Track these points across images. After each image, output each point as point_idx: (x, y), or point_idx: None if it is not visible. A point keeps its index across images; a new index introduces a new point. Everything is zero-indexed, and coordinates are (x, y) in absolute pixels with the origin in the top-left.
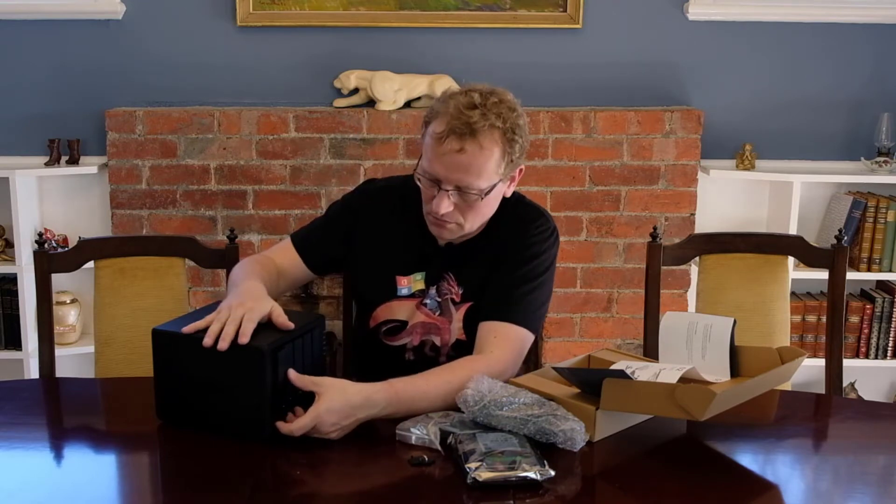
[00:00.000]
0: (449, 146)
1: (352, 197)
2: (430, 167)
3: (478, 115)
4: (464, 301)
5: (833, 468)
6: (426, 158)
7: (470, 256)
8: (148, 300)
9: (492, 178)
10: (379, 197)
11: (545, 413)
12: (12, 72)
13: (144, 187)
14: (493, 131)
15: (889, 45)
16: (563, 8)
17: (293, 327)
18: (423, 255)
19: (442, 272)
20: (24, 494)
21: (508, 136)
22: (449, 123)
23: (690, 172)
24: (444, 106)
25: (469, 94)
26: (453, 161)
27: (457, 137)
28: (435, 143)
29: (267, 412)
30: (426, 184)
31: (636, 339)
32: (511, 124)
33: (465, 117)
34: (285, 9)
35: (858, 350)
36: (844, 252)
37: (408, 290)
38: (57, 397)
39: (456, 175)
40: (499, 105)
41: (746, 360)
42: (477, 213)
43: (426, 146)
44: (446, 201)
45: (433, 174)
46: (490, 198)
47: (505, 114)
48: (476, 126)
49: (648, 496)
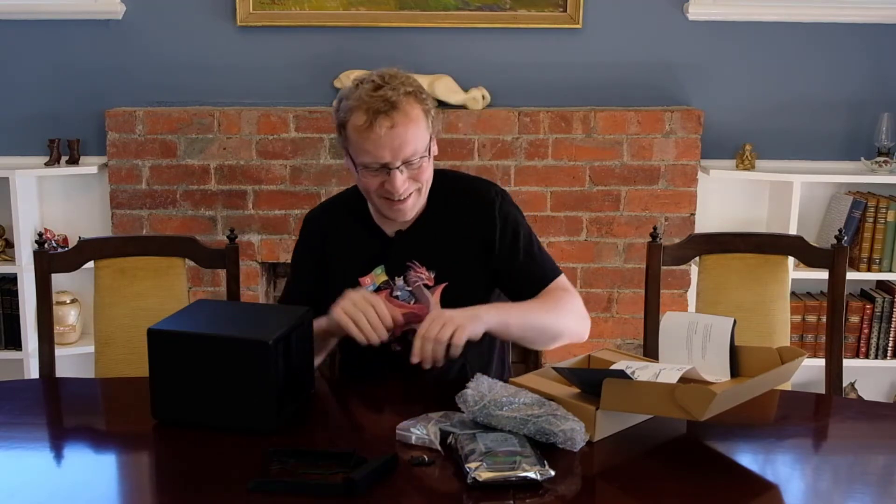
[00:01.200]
0: (381, 128)
1: (303, 234)
2: (374, 155)
3: (389, 91)
4: (438, 282)
5: (833, 468)
6: (363, 151)
7: (424, 239)
8: (148, 300)
9: (426, 139)
10: (322, 219)
11: (545, 413)
12: (12, 72)
13: (144, 187)
14: (408, 97)
15: (889, 45)
16: (563, 8)
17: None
18: (375, 252)
19: (404, 261)
20: (24, 494)
21: (419, 96)
22: (368, 109)
23: (690, 172)
24: (353, 101)
25: (366, 82)
26: (392, 137)
27: (384, 116)
28: (365, 132)
29: (274, 404)
30: (372, 175)
31: (636, 339)
32: (415, 86)
33: (380, 96)
34: (285, 9)
35: (858, 350)
36: (844, 252)
37: (373, 286)
38: (57, 397)
39: (400, 150)
40: (396, 76)
41: (746, 360)
42: (425, 176)
43: (355, 142)
44: (400, 177)
45: (379, 160)
46: (430, 157)
47: (405, 80)
48: (393, 99)
49: (648, 496)
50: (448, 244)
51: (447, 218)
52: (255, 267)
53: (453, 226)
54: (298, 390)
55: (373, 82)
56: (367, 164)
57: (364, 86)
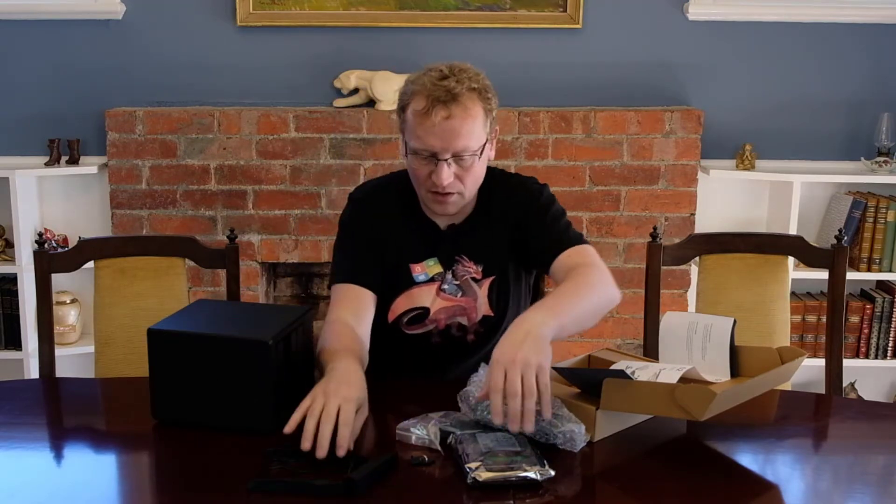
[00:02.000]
0: (437, 116)
1: (353, 213)
2: (425, 142)
3: (453, 82)
4: (486, 276)
5: (833, 468)
6: (416, 137)
7: (474, 233)
8: (148, 300)
9: (481, 138)
10: (374, 198)
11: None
12: (12, 72)
13: (144, 187)
14: (471, 93)
15: (889, 45)
16: (563, 8)
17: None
18: (429, 243)
19: (452, 255)
20: (24, 494)
21: (484, 95)
22: (429, 97)
23: (690, 172)
24: (417, 86)
25: (434, 70)
26: (445, 129)
27: (442, 106)
28: (421, 118)
29: (273, 404)
30: (421, 162)
31: (636, 339)
32: (482, 84)
33: (443, 86)
34: (285, 9)
35: (858, 350)
36: (844, 252)
37: (424, 276)
38: (57, 397)
39: (451, 142)
40: (466, 70)
41: (746, 360)
42: (473, 176)
43: (411, 126)
44: (446, 170)
45: (429, 148)
46: (482, 158)
47: (473, 76)
48: (455, 91)
49: (648, 496)
50: (495, 238)
51: (494, 212)
52: (255, 267)
53: (499, 219)
54: (298, 390)
55: (440, 71)
56: (418, 150)
57: (431, 73)
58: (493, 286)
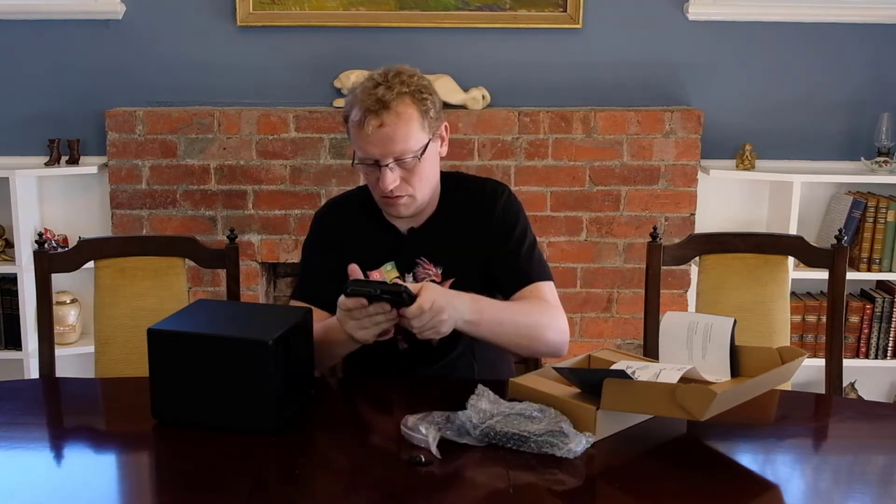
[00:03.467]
0: (370, 126)
1: (315, 230)
2: (365, 151)
3: (383, 90)
4: (446, 279)
5: (833, 468)
6: (358, 147)
7: (435, 237)
8: (148, 300)
9: (420, 139)
10: (334, 213)
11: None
12: (12, 72)
13: (144, 187)
14: (402, 97)
15: (889, 45)
16: (563, 8)
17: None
18: (388, 247)
19: (412, 258)
20: (24, 494)
21: (418, 97)
22: (362, 107)
23: (690, 172)
24: (353, 97)
25: (370, 78)
26: (380, 137)
27: (374, 115)
28: (358, 129)
29: (274, 404)
30: (367, 170)
31: (636, 339)
32: (415, 86)
33: (374, 95)
34: (285, 9)
35: (858, 350)
36: (844, 252)
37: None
38: (57, 397)
39: (388, 147)
40: (399, 75)
41: (746, 360)
42: (421, 178)
43: (354, 137)
44: (390, 175)
45: (370, 156)
46: (427, 159)
47: (406, 80)
48: (386, 98)
49: (648, 496)
50: (455, 241)
51: (455, 215)
52: (255, 267)
53: (461, 223)
54: (298, 390)
55: (373, 80)
56: (361, 158)
57: (366, 83)
58: (454, 289)
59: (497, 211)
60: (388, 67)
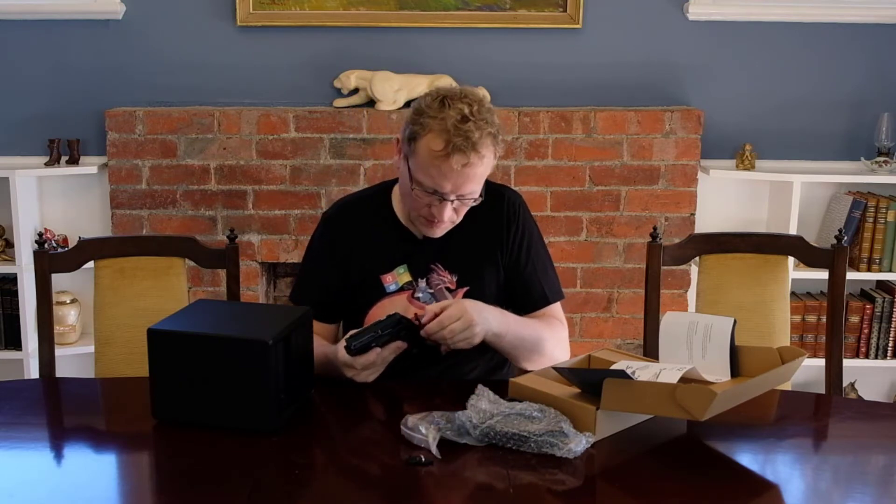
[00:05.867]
0: (456, 164)
1: (322, 231)
2: (436, 182)
3: (473, 128)
4: (460, 286)
5: (833, 468)
6: (427, 175)
7: (449, 244)
8: (148, 300)
9: (484, 179)
10: (345, 214)
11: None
12: (12, 72)
13: (144, 187)
14: (487, 139)
15: (889, 45)
16: (563, 8)
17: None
18: (402, 252)
19: (427, 264)
20: (24, 494)
21: (496, 139)
22: (450, 141)
23: (690, 172)
24: (437, 122)
25: (457, 105)
26: (461, 175)
27: (461, 154)
28: (438, 160)
29: (274, 404)
30: (423, 194)
31: (636, 339)
32: (497, 127)
33: (464, 132)
34: (285, 9)
35: (858, 350)
36: (844, 252)
37: (395, 285)
38: (57, 397)
39: (462, 187)
40: (485, 112)
41: (746, 360)
42: (468, 208)
43: (423, 162)
44: (449, 209)
45: (438, 189)
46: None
47: (490, 118)
48: (475, 139)
49: (648, 496)
50: (471, 249)
51: (471, 223)
52: (255, 267)
53: (477, 231)
54: (298, 390)
55: (460, 111)
56: (428, 185)
57: (450, 111)
58: (468, 297)
59: (514, 225)
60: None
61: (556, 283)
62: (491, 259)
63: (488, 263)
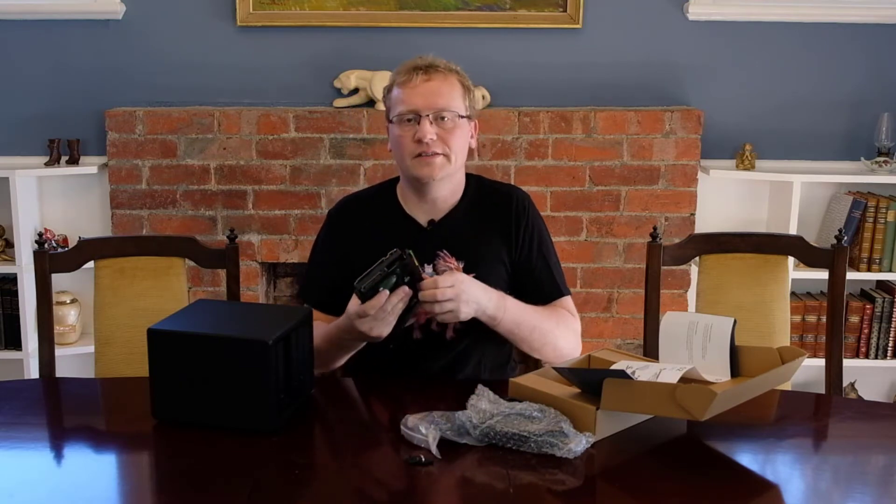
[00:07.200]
0: (418, 79)
1: (328, 227)
2: (408, 103)
3: (431, 60)
4: (467, 272)
5: (833, 468)
6: (399, 102)
7: (456, 232)
8: (148, 300)
9: (460, 108)
10: (349, 209)
11: (545, 429)
12: (12, 72)
13: (144, 187)
14: (449, 72)
15: (889, 45)
16: (563, 8)
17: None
18: (408, 241)
19: (434, 250)
20: (24, 494)
21: (462, 80)
22: (409, 66)
23: (690, 172)
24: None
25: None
26: (426, 89)
27: (422, 72)
28: (404, 84)
29: (274, 404)
30: (405, 128)
31: (636, 339)
32: (461, 73)
33: (424, 61)
34: (285, 9)
35: (858, 350)
36: (844, 252)
37: None
38: (57, 397)
39: (432, 100)
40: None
41: (746, 360)
42: (456, 141)
43: (396, 98)
44: (429, 126)
45: (412, 107)
46: (462, 130)
47: (452, 66)
48: (435, 63)
49: (648, 496)
50: (477, 238)
51: (477, 213)
52: (255, 267)
53: (483, 221)
54: (298, 390)
55: (422, 59)
56: (402, 113)
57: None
58: None
59: (523, 221)
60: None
61: (563, 280)
62: (498, 256)
63: (495, 260)
